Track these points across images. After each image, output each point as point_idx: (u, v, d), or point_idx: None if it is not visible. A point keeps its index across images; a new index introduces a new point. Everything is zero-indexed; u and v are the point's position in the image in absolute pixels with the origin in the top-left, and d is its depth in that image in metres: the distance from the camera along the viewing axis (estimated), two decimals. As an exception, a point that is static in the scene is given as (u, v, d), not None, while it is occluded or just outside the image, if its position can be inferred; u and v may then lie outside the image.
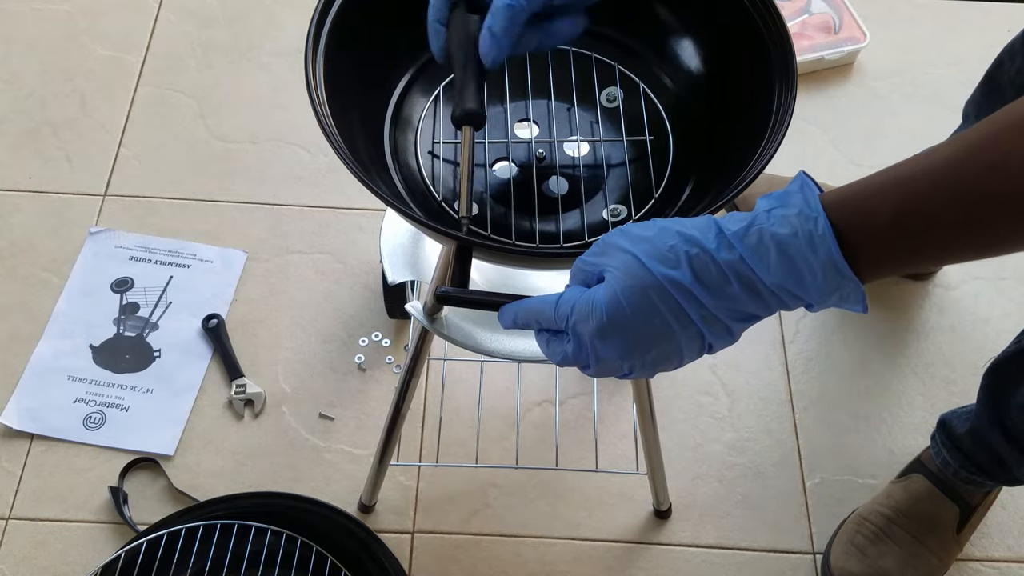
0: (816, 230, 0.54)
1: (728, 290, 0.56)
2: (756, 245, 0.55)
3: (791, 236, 0.54)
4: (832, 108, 1.67)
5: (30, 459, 1.29)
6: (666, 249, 0.57)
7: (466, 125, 0.73)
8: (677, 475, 1.31)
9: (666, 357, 0.60)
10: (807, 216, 0.54)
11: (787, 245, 0.54)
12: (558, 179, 0.83)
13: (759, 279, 0.56)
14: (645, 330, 0.58)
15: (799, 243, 0.54)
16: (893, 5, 1.80)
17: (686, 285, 0.56)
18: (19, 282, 1.44)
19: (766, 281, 0.56)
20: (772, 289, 0.56)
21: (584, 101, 0.87)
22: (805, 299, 0.56)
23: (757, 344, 1.42)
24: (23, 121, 1.60)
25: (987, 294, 1.47)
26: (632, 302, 0.57)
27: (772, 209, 0.56)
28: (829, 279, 0.54)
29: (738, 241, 0.56)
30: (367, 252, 1.48)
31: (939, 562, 1.21)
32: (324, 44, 0.76)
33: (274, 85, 1.66)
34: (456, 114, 0.73)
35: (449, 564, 1.24)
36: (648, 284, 0.57)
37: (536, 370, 1.38)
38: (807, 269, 0.54)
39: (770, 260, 0.55)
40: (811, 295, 0.56)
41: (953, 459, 1.18)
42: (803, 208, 0.54)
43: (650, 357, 0.60)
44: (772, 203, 0.56)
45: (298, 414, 1.34)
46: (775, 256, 0.55)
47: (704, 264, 0.56)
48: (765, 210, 0.56)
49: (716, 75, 0.84)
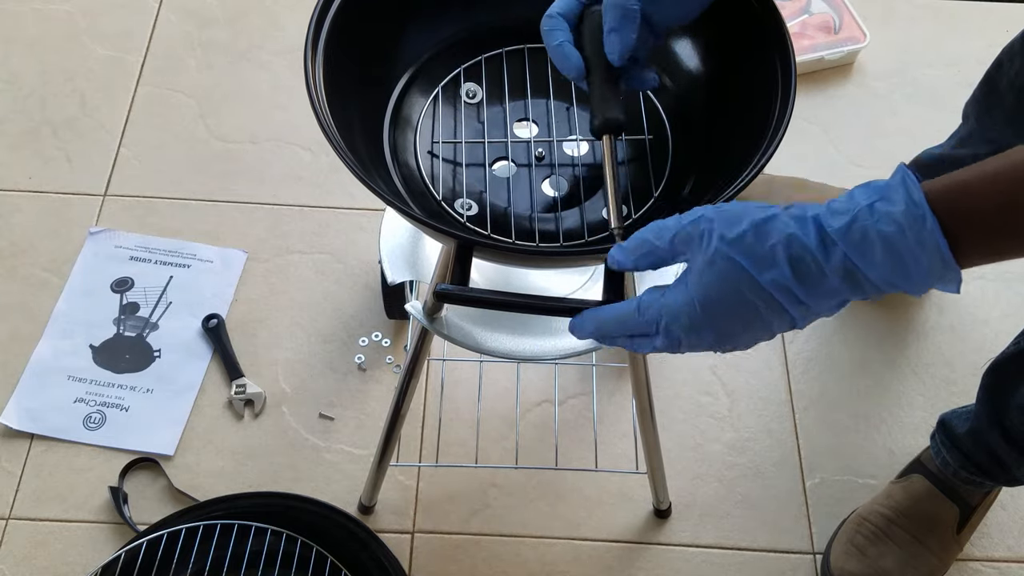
0: (925, 228, 0.53)
1: (826, 284, 0.56)
2: (860, 242, 0.55)
3: (898, 234, 0.54)
4: (832, 108, 1.67)
5: (30, 459, 1.29)
6: (765, 250, 0.56)
7: (606, 135, 0.74)
8: (677, 475, 1.31)
9: (756, 340, 0.61)
10: (914, 214, 0.54)
11: (894, 242, 0.54)
12: (557, 178, 0.83)
13: (862, 273, 0.56)
14: (740, 323, 0.59)
15: (907, 242, 0.54)
16: (893, 5, 1.80)
17: (786, 283, 0.56)
18: (19, 282, 1.44)
19: (870, 276, 0.56)
20: (874, 282, 0.56)
21: (583, 100, 0.87)
22: (905, 287, 0.56)
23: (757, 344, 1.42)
24: (23, 121, 1.60)
25: (987, 294, 1.47)
26: (731, 304, 0.58)
27: (874, 203, 0.55)
28: (934, 271, 0.55)
29: (841, 238, 0.55)
30: (367, 252, 1.48)
31: (939, 562, 1.21)
32: (324, 43, 0.77)
33: (274, 85, 1.66)
34: (596, 124, 0.74)
35: (449, 564, 1.24)
36: (748, 286, 0.57)
37: (536, 370, 1.38)
38: (914, 265, 0.54)
39: (875, 256, 0.55)
40: (913, 286, 0.56)
41: (953, 459, 1.18)
42: (909, 204, 0.54)
43: (741, 342, 0.61)
44: (873, 196, 0.55)
45: (298, 414, 1.34)
46: (881, 253, 0.55)
47: (805, 263, 0.56)
48: (866, 204, 0.55)
49: (716, 75, 0.84)
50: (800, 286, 0.56)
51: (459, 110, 0.86)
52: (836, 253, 0.55)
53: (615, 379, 1.38)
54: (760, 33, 0.78)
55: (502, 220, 0.80)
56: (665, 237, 0.60)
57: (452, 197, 0.82)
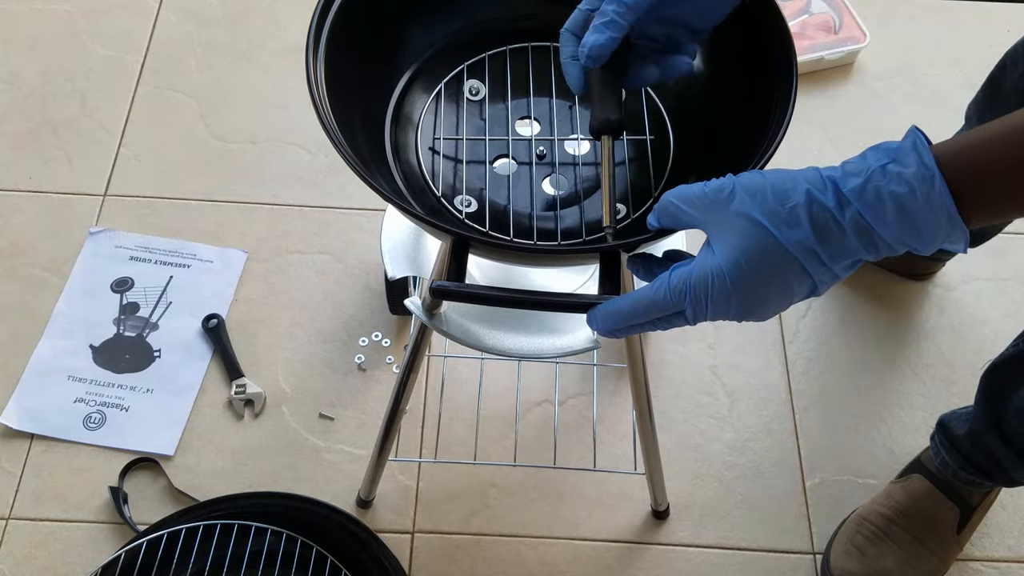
0: (933, 190, 0.55)
1: (846, 243, 0.58)
2: (874, 202, 0.57)
3: (909, 195, 0.56)
4: (832, 108, 1.67)
5: (30, 459, 1.29)
6: (787, 210, 0.58)
7: (604, 135, 0.75)
8: (677, 475, 1.31)
9: (778, 308, 0.62)
10: (923, 176, 0.55)
11: (905, 203, 0.56)
12: (558, 177, 0.83)
13: (876, 232, 0.57)
14: (766, 290, 0.60)
15: (917, 202, 0.56)
16: (893, 5, 1.81)
17: (809, 244, 0.58)
18: (19, 282, 1.44)
19: (883, 235, 0.57)
20: (888, 241, 0.58)
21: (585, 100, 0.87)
22: (916, 246, 0.58)
23: (757, 344, 1.42)
24: (23, 121, 1.60)
25: (987, 294, 1.47)
26: (755, 266, 0.59)
27: (886, 165, 0.57)
28: (942, 231, 0.56)
29: (856, 198, 0.57)
30: (367, 252, 1.48)
31: (939, 562, 1.21)
32: (325, 42, 0.77)
33: (274, 85, 1.66)
34: (593, 125, 0.75)
35: (449, 564, 1.24)
36: (771, 247, 0.58)
37: (536, 370, 1.38)
38: (923, 224, 0.56)
39: (887, 216, 0.57)
40: (924, 244, 0.58)
41: (952, 460, 1.18)
42: (919, 167, 0.56)
43: (766, 309, 0.62)
44: (884, 158, 0.57)
45: (298, 414, 1.34)
46: (893, 213, 0.56)
47: (824, 222, 0.58)
48: (879, 166, 0.57)
49: (717, 75, 0.84)
50: (822, 246, 0.58)
51: (461, 107, 0.86)
52: (851, 212, 0.57)
53: (616, 379, 1.38)
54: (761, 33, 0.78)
55: (501, 217, 0.80)
56: (692, 202, 0.62)
57: (452, 194, 0.82)
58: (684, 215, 0.63)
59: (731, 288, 0.59)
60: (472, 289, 0.66)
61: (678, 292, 0.61)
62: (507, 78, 0.87)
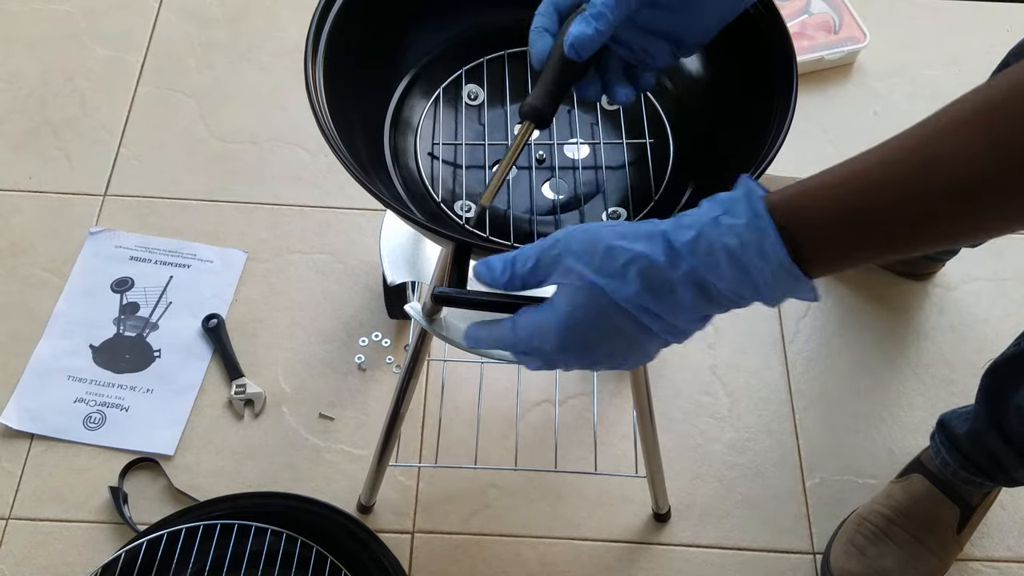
0: (765, 240, 0.54)
1: (681, 297, 0.57)
2: (705, 255, 0.56)
3: (740, 247, 0.54)
4: (832, 108, 1.67)
5: (30, 459, 1.30)
6: (617, 265, 0.57)
7: (528, 121, 0.74)
8: (677, 475, 1.31)
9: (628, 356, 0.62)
10: (755, 227, 0.54)
11: (738, 255, 0.55)
12: (557, 181, 0.83)
13: (713, 286, 0.56)
14: (606, 341, 0.60)
15: (749, 253, 0.54)
16: (893, 5, 1.80)
17: (640, 300, 0.57)
18: (19, 282, 1.44)
19: (719, 287, 0.56)
20: (725, 294, 0.57)
21: (584, 103, 0.87)
22: (759, 300, 0.57)
23: (757, 344, 1.42)
24: (23, 121, 1.60)
25: (987, 294, 1.47)
26: (588, 318, 0.59)
27: (718, 217, 0.56)
28: (781, 282, 0.55)
29: (688, 252, 0.56)
30: (367, 252, 1.48)
31: (939, 562, 1.21)
32: (324, 45, 0.77)
33: (274, 85, 1.66)
34: (523, 108, 0.74)
35: (449, 564, 1.24)
36: (600, 301, 0.58)
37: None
38: (759, 275, 0.55)
39: (721, 269, 0.55)
40: (765, 297, 0.56)
41: (952, 459, 1.18)
42: (750, 218, 0.54)
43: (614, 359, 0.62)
44: (717, 209, 0.56)
45: (298, 414, 1.34)
46: (726, 265, 0.55)
47: (656, 277, 0.57)
48: (711, 218, 0.56)
49: (716, 77, 0.84)
50: (655, 300, 0.57)
51: (460, 112, 0.86)
52: (683, 266, 0.56)
53: (616, 379, 1.38)
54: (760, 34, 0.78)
55: (501, 222, 0.80)
56: (528, 264, 0.61)
57: (452, 199, 0.82)
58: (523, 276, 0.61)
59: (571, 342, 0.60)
60: (475, 295, 0.66)
61: (523, 338, 0.62)
62: (505, 82, 0.87)
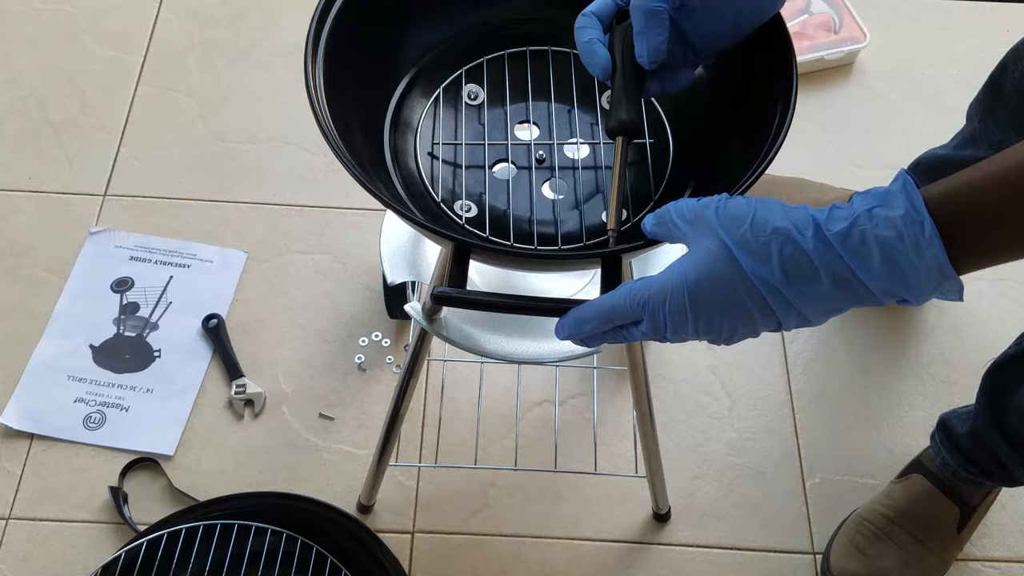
0: (923, 234, 0.53)
1: (819, 289, 0.56)
2: (859, 247, 0.55)
3: (897, 239, 0.54)
4: (832, 108, 1.67)
5: (30, 459, 1.30)
6: (760, 242, 0.56)
7: (620, 136, 0.74)
8: (677, 475, 1.31)
9: (739, 334, 0.60)
10: (913, 219, 0.54)
11: (892, 248, 0.54)
12: (557, 181, 0.83)
13: (859, 280, 0.55)
14: (724, 314, 0.58)
15: (905, 247, 0.54)
16: (893, 5, 1.80)
17: (774, 283, 0.56)
18: (19, 282, 1.44)
19: (867, 282, 0.55)
20: (871, 288, 0.56)
21: (585, 103, 0.87)
22: (904, 295, 0.56)
23: (757, 344, 1.42)
24: (23, 121, 1.60)
25: (988, 295, 1.47)
26: (716, 289, 0.58)
27: (874, 209, 0.55)
28: (932, 279, 0.54)
29: (839, 242, 0.55)
30: (367, 252, 1.48)
31: (939, 562, 1.21)
32: (324, 45, 0.77)
33: (274, 85, 1.66)
34: (610, 124, 0.74)
35: (449, 564, 1.24)
36: (734, 275, 0.57)
37: (536, 370, 1.38)
38: (912, 271, 0.54)
39: (873, 263, 0.55)
40: (912, 293, 0.56)
41: (953, 459, 1.18)
42: (908, 210, 0.54)
43: (725, 333, 0.60)
44: (872, 202, 0.55)
45: (298, 414, 1.34)
46: (879, 259, 0.54)
47: (798, 262, 0.56)
48: (866, 209, 0.55)
49: (716, 77, 0.84)
50: (789, 287, 0.56)
51: (460, 112, 0.86)
52: (831, 257, 0.55)
53: (616, 379, 1.38)
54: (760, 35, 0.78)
55: (501, 222, 0.80)
56: (683, 214, 0.61)
57: (451, 199, 0.82)
58: (675, 228, 0.62)
59: (688, 304, 0.58)
60: (474, 295, 0.66)
61: (638, 300, 0.60)
62: (506, 82, 0.87)
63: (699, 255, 0.58)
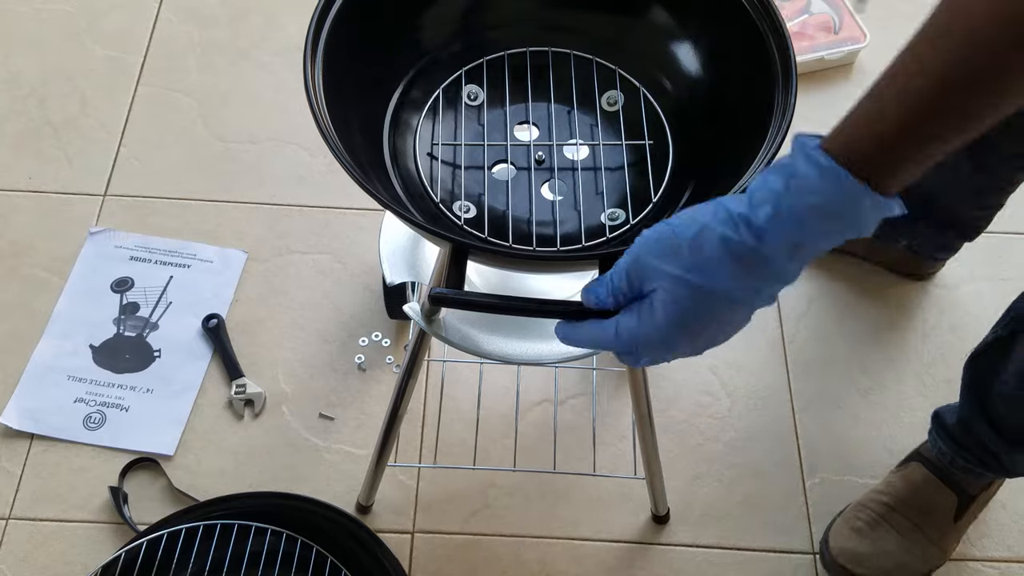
0: (843, 186, 0.54)
1: (776, 266, 0.57)
2: (793, 221, 0.56)
3: (825, 202, 0.55)
4: (832, 108, 1.66)
5: (30, 459, 1.30)
6: (706, 258, 0.58)
7: None
8: (677, 475, 1.31)
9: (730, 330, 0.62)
10: (829, 176, 0.55)
11: (825, 209, 0.55)
12: (557, 182, 0.83)
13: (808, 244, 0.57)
14: (713, 329, 0.61)
15: (835, 202, 0.55)
16: (893, 5, 1.80)
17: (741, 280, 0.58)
18: (19, 282, 1.44)
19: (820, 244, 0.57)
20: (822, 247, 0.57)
21: (584, 104, 0.87)
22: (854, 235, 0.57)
23: (757, 344, 1.42)
24: (23, 121, 1.60)
25: (987, 294, 1.47)
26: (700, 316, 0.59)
27: (788, 183, 0.56)
28: (870, 213, 0.56)
29: (773, 226, 0.56)
30: (367, 252, 1.48)
31: (938, 550, 1.21)
32: (324, 46, 0.77)
33: (274, 85, 1.66)
34: None
35: (449, 564, 1.24)
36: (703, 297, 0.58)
37: (536, 370, 1.38)
38: (849, 218, 0.56)
39: (811, 227, 0.56)
40: (861, 232, 0.57)
41: (947, 448, 1.19)
42: (819, 170, 0.55)
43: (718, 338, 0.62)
44: (784, 176, 0.56)
45: (298, 414, 1.34)
46: (816, 222, 0.56)
47: (748, 258, 0.57)
48: (782, 188, 0.56)
49: (716, 78, 0.84)
50: (752, 277, 0.58)
51: (459, 112, 0.86)
52: (773, 239, 0.56)
53: (616, 379, 1.38)
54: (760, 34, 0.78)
55: (500, 223, 0.80)
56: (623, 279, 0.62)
57: (451, 199, 0.82)
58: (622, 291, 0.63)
59: (678, 338, 0.61)
60: (471, 296, 0.66)
61: (627, 343, 0.62)
62: (505, 83, 0.87)
63: (666, 294, 0.60)
